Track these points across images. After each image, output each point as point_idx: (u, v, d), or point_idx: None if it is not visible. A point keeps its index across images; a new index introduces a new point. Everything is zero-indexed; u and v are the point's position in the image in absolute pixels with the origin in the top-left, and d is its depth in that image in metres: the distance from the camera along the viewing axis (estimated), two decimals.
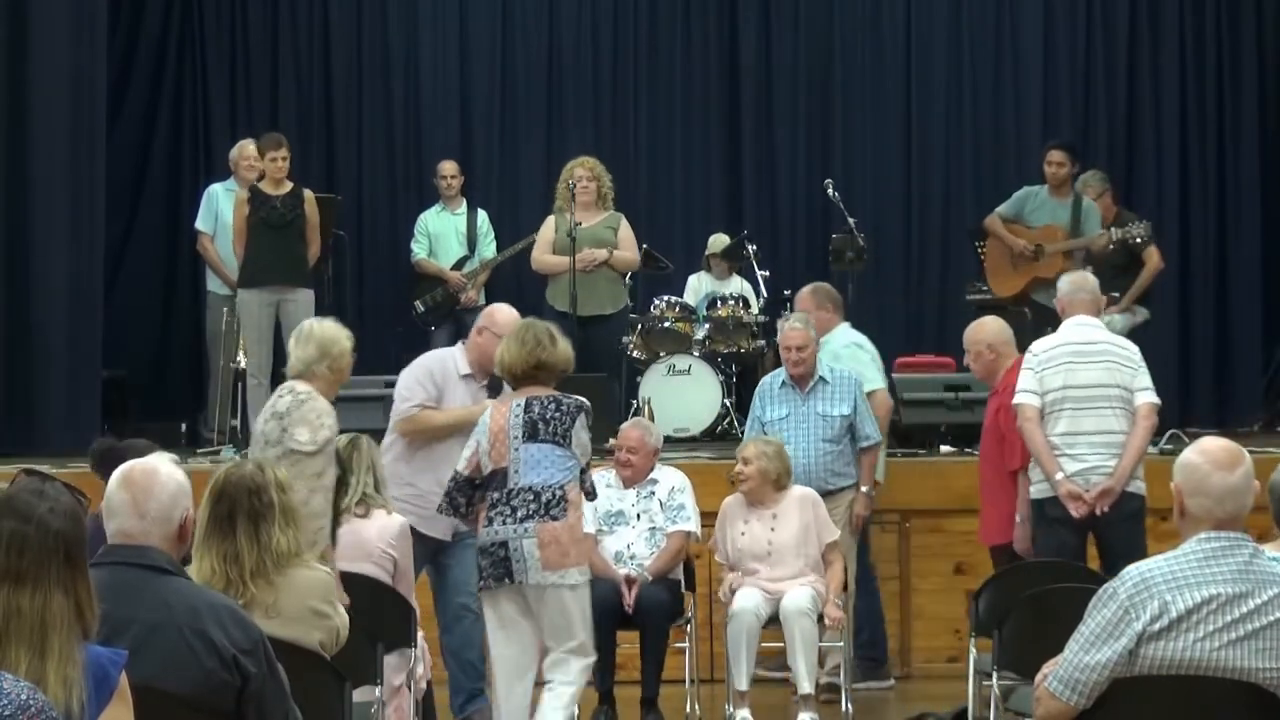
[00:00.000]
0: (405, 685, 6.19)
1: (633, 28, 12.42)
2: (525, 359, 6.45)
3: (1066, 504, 7.05)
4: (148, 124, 11.99)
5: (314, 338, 6.25)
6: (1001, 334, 7.70)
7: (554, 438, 6.35)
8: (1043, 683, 4.01)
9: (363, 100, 12.23)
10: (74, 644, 3.07)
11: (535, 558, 6.26)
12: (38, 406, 10.41)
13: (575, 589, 6.35)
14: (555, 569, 6.28)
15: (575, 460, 6.40)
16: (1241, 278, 12.10)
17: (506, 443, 6.37)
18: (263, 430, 6.11)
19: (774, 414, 8.15)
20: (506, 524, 6.29)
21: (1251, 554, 3.91)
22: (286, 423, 6.01)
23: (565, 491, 6.32)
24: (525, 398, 6.41)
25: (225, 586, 4.59)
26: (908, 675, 8.85)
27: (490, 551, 6.32)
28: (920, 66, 12.33)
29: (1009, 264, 10.32)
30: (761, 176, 12.35)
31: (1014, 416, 7.21)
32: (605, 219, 10.20)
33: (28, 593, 3.07)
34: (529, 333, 6.53)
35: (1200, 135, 12.22)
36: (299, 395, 6.08)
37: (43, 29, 10.43)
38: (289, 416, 6.02)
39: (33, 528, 3.10)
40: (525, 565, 6.26)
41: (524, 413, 6.37)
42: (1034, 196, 10.30)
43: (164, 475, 3.86)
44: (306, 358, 6.19)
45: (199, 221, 10.67)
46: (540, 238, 10.26)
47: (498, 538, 6.30)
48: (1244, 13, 12.23)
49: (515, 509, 6.30)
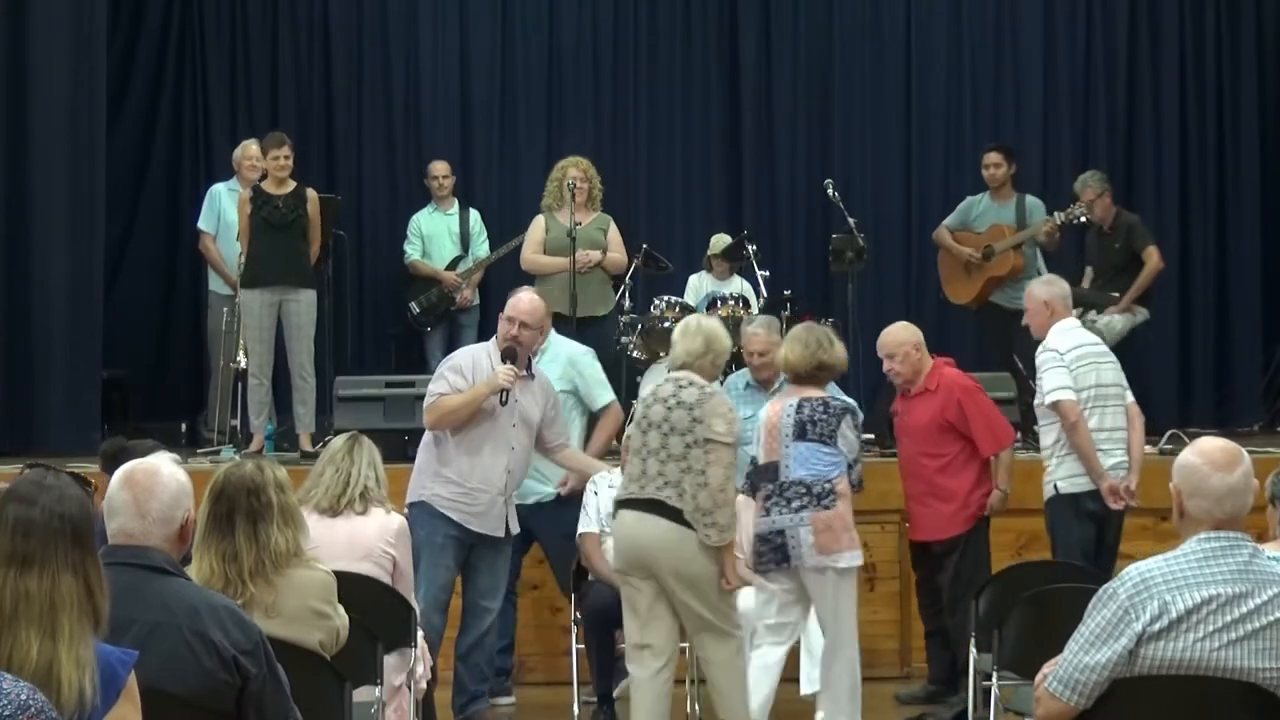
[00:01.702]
0: (405, 685, 6.19)
1: (633, 28, 12.41)
2: (808, 360, 7.06)
3: (1108, 498, 7.53)
4: (148, 124, 11.98)
5: (701, 332, 6.78)
6: (919, 334, 8.01)
7: (820, 438, 6.97)
8: (1042, 683, 4.01)
9: (363, 100, 12.22)
10: (85, 625, 3.07)
11: (809, 543, 6.87)
12: (38, 406, 10.42)
13: (845, 571, 6.97)
14: (828, 553, 6.90)
15: (841, 456, 7.00)
16: (1241, 278, 12.10)
17: (779, 439, 7.01)
18: (664, 416, 6.56)
19: (739, 414, 8.19)
20: (783, 514, 6.94)
21: (1251, 554, 3.91)
22: (699, 413, 6.54)
23: (834, 484, 6.94)
24: (798, 398, 7.05)
25: (224, 586, 4.59)
26: (908, 675, 8.84)
27: (768, 539, 6.96)
28: (920, 66, 12.33)
29: (963, 271, 10.43)
30: (761, 176, 12.34)
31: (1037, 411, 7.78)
32: (595, 220, 10.21)
33: (35, 575, 3.06)
34: (811, 335, 7.15)
35: (1200, 135, 12.22)
36: (704, 389, 6.63)
37: (43, 29, 10.43)
38: (700, 408, 6.55)
39: (38, 511, 3.11)
40: (800, 550, 6.87)
41: (795, 413, 7.00)
42: (976, 204, 10.49)
43: (166, 476, 3.87)
44: (694, 350, 6.71)
45: (201, 221, 10.68)
46: (529, 237, 10.23)
47: (775, 526, 6.95)
48: (1244, 13, 12.22)
49: (789, 500, 6.95)
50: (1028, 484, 8.39)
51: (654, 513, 6.52)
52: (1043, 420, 7.82)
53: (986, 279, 10.27)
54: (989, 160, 10.44)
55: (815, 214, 12.03)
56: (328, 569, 5.02)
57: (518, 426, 7.47)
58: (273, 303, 9.70)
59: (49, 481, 3.20)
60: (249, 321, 9.73)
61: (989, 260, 10.23)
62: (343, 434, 6.56)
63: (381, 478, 6.42)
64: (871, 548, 8.55)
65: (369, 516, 6.31)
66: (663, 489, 6.54)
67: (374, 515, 6.32)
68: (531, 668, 8.85)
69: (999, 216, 10.32)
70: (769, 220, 12.19)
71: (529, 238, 10.20)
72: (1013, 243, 10.14)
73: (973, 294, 10.38)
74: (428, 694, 6.57)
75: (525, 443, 7.53)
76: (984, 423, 7.78)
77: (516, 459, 7.49)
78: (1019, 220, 10.26)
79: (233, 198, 10.36)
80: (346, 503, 6.28)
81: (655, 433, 6.58)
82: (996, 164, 10.40)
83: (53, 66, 10.47)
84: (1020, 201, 10.35)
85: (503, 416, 7.42)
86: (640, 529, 6.57)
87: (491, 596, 7.56)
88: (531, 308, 7.54)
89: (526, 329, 7.48)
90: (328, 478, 6.32)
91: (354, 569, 6.02)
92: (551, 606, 8.70)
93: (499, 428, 7.42)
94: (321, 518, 6.17)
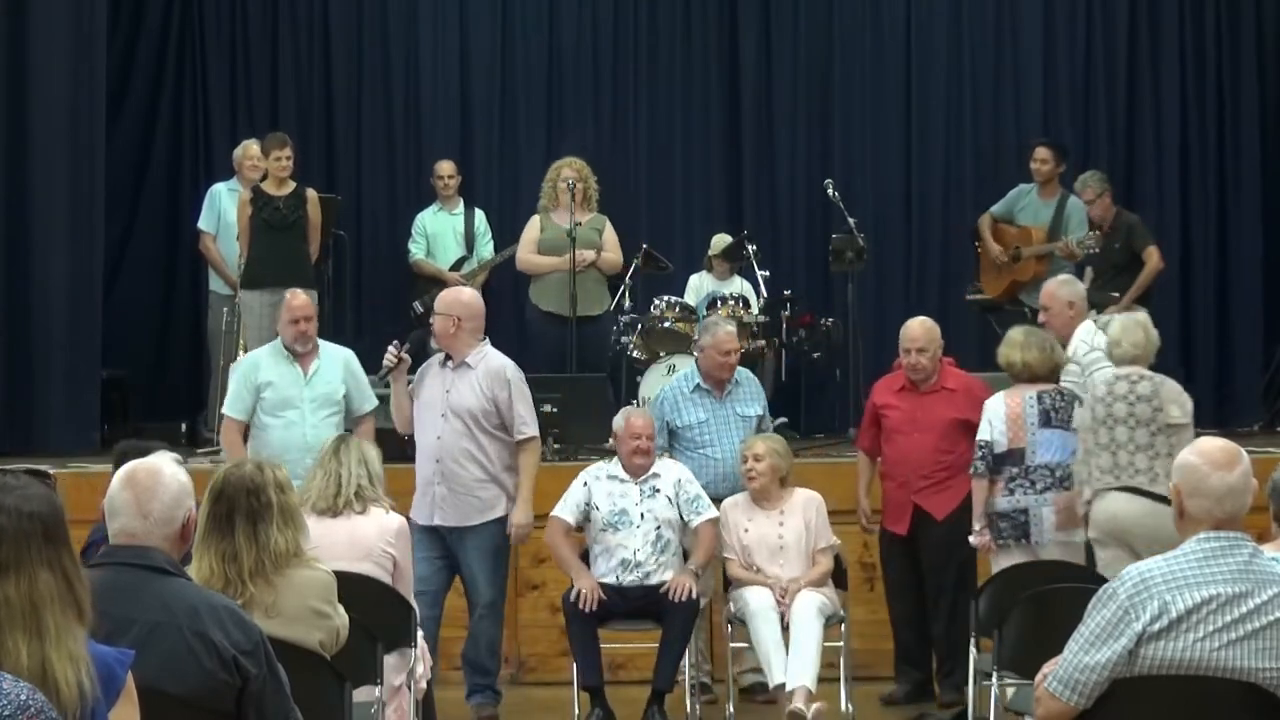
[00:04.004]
0: (405, 685, 6.19)
1: (633, 28, 12.41)
2: (1048, 363, 7.60)
3: None
4: (148, 124, 11.97)
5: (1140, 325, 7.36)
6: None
7: (1062, 425, 7.47)
8: (1042, 683, 4.01)
9: (363, 100, 12.21)
10: (70, 618, 3.02)
11: (1050, 522, 7.44)
12: (38, 406, 10.42)
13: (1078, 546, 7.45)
14: (1065, 530, 7.44)
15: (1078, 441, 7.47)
16: (1242, 278, 12.09)
17: (1024, 427, 7.51)
18: (1128, 412, 7.13)
19: (690, 419, 8.23)
20: (1028, 494, 7.48)
21: (1251, 554, 3.91)
22: (1157, 403, 7.17)
23: (1072, 468, 7.42)
24: (1036, 390, 7.55)
25: (224, 586, 4.59)
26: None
27: (1010, 516, 7.49)
28: (920, 66, 12.32)
29: (994, 266, 10.53)
30: (761, 176, 12.34)
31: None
32: (590, 220, 10.23)
33: (12, 580, 3.01)
34: (1043, 340, 7.69)
35: (1200, 135, 12.21)
36: (1154, 380, 7.21)
37: (43, 29, 10.43)
38: (1157, 397, 7.17)
39: (6, 516, 3.05)
40: (1041, 528, 7.43)
41: (1038, 403, 7.52)
42: (1025, 194, 10.52)
43: (167, 476, 3.86)
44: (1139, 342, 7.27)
45: (201, 221, 10.68)
46: (524, 237, 10.26)
47: (1019, 505, 7.49)
48: (1244, 13, 12.22)
49: (1034, 482, 7.48)
50: None
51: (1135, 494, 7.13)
52: None
53: (1011, 280, 10.38)
54: (1038, 155, 10.50)
55: (815, 214, 12.03)
56: (328, 569, 5.02)
57: (447, 416, 7.56)
58: (273, 303, 9.68)
59: (10, 483, 3.15)
60: (249, 322, 9.73)
61: (1016, 263, 10.30)
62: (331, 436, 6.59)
63: (375, 473, 6.42)
64: (871, 548, 8.54)
65: (369, 516, 6.31)
66: (1134, 476, 7.12)
67: (374, 515, 6.32)
68: (532, 668, 8.85)
69: (1038, 216, 10.41)
70: (769, 220, 12.19)
71: (524, 238, 10.28)
72: (1036, 252, 10.27)
73: (1001, 289, 10.58)
74: (428, 694, 6.57)
75: (458, 430, 7.57)
76: None
77: (444, 447, 7.56)
78: (1055, 221, 10.30)
79: (233, 198, 10.37)
80: (344, 503, 6.28)
81: (1122, 428, 7.18)
82: (1044, 159, 10.45)
83: (53, 66, 10.46)
84: (1062, 201, 10.39)
85: (432, 408, 7.59)
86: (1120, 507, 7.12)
87: (473, 590, 7.65)
88: (451, 299, 7.81)
89: (438, 316, 7.70)
90: (319, 481, 6.33)
91: (354, 569, 6.02)
92: (551, 606, 8.69)
93: (429, 419, 7.61)
94: (321, 519, 6.17)
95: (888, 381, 8.19)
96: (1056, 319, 8.00)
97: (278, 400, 7.88)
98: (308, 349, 7.97)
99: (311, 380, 7.94)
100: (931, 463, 7.87)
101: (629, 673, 8.11)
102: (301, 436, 7.77)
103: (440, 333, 7.70)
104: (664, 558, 7.67)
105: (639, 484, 7.75)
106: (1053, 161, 10.46)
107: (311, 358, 7.98)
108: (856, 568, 8.59)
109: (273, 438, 7.75)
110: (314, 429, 7.78)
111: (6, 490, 3.10)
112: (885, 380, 8.24)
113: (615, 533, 7.69)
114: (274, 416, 7.87)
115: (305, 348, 7.96)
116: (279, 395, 7.88)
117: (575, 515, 7.74)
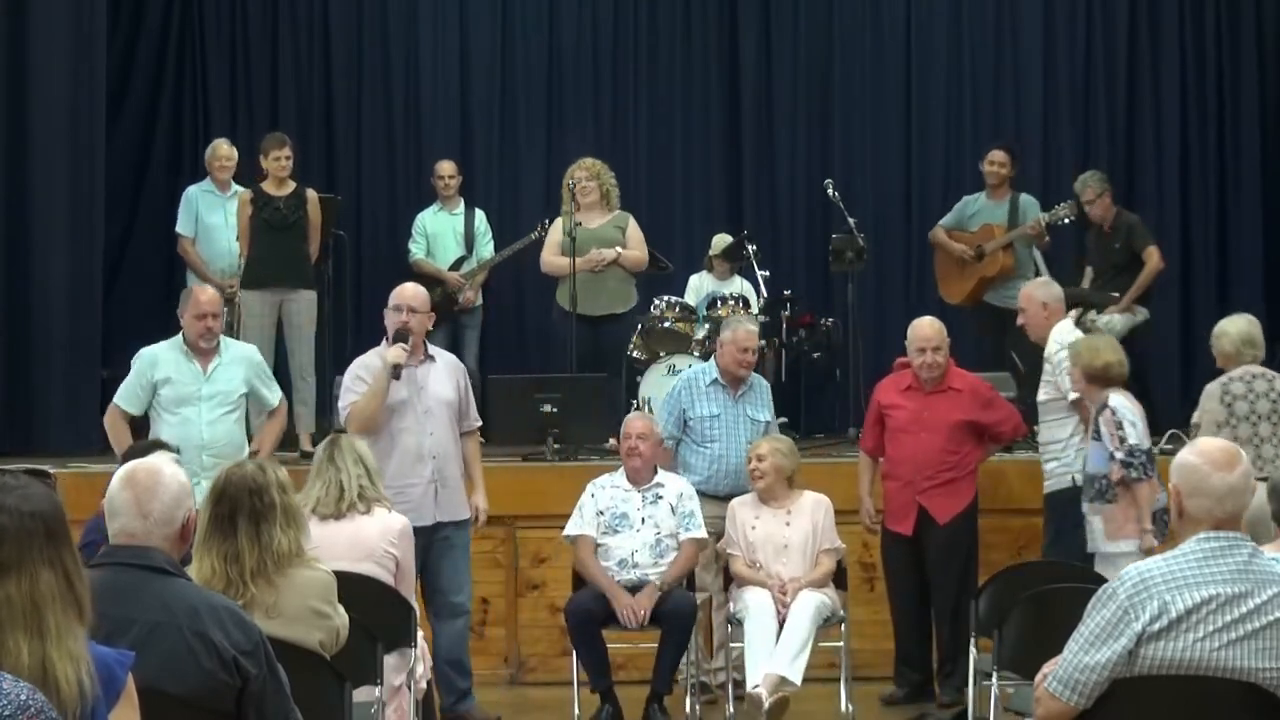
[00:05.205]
0: (405, 685, 6.19)
1: (633, 28, 12.41)
2: (1120, 366, 7.54)
3: None
4: (148, 124, 11.97)
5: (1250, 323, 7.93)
6: None
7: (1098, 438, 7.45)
8: (1042, 683, 4.01)
9: (363, 100, 12.21)
10: (70, 616, 3.02)
11: (1098, 530, 7.42)
12: (38, 406, 10.41)
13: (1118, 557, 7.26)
14: (1112, 539, 7.39)
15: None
16: (1242, 278, 12.09)
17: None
18: (1271, 408, 7.69)
19: (704, 411, 8.22)
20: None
21: (1250, 554, 3.91)
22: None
23: (1110, 480, 7.46)
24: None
25: (225, 587, 4.59)
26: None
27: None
28: (920, 66, 12.32)
29: (957, 271, 10.52)
30: (761, 176, 12.34)
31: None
32: (612, 219, 10.23)
33: (14, 579, 3.01)
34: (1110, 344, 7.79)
35: (1200, 135, 12.21)
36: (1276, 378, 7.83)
37: (43, 29, 10.42)
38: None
39: (7, 516, 3.05)
40: (1094, 536, 7.44)
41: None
42: (971, 203, 10.59)
43: (167, 476, 3.87)
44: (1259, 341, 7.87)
45: (179, 225, 10.59)
46: (549, 239, 10.32)
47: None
48: (1244, 13, 12.22)
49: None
50: (1028, 484, 8.41)
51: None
52: (1049, 416, 7.88)
53: (978, 279, 10.35)
54: (995, 158, 10.50)
55: (815, 214, 12.03)
56: (328, 569, 5.02)
57: (430, 412, 7.54)
58: (273, 303, 9.72)
59: (10, 483, 3.14)
60: (249, 322, 9.74)
61: (980, 260, 10.30)
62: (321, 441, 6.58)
63: (373, 468, 6.42)
64: (872, 548, 8.55)
65: (372, 516, 6.30)
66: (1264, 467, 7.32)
67: (377, 515, 6.32)
68: (532, 668, 8.86)
69: (992, 216, 10.42)
70: (769, 220, 12.19)
71: (548, 239, 10.33)
72: (1001, 243, 10.24)
73: (965, 293, 10.50)
74: (427, 694, 6.57)
75: (445, 424, 7.57)
76: (1009, 412, 8.13)
77: (438, 443, 7.54)
78: (1011, 219, 10.33)
79: (207, 199, 10.41)
80: (347, 506, 6.28)
81: (1266, 423, 7.66)
82: (1001, 163, 10.48)
83: (53, 66, 10.46)
84: (1014, 200, 10.42)
85: (412, 407, 7.51)
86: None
87: (457, 591, 7.63)
88: (415, 292, 7.71)
89: (415, 313, 7.60)
90: (318, 490, 6.31)
91: (356, 569, 6.02)
92: (551, 606, 8.70)
93: (413, 418, 7.51)
94: (324, 522, 6.17)
95: (892, 381, 8.19)
96: (1031, 320, 8.09)
97: (174, 397, 7.81)
98: (211, 346, 7.89)
99: (211, 377, 7.86)
100: (937, 463, 7.88)
101: (629, 673, 8.11)
102: (198, 433, 7.71)
103: (419, 329, 7.65)
104: (663, 561, 7.67)
105: (641, 491, 7.77)
106: (1009, 165, 10.50)
107: (212, 355, 7.89)
108: (856, 568, 8.59)
109: (168, 434, 7.61)
110: (210, 426, 7.75)
111: (7, 490, 3.10)
112: (889, 380, 8.24)
113: (615, 535, 7.70)
114: (170, 413, 7.79)
115: (209, 344, 7.88)
116: (176, 392, 7.82)
117: (594, 528, 7.73)
